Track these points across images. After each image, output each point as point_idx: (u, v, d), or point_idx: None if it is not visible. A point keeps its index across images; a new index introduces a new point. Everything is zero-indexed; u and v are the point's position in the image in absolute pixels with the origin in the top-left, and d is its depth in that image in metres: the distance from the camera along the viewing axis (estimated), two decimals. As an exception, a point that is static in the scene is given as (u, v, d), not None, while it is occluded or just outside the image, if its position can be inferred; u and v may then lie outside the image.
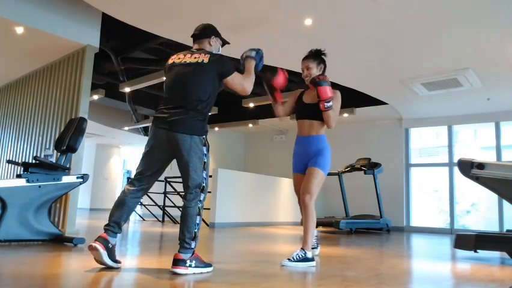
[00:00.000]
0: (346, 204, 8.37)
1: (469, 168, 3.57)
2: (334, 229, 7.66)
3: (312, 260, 3.01)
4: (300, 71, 3.48)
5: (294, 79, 8.00)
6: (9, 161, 3.83)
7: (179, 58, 2.69)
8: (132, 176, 2.72)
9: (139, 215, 9.94)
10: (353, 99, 8.31)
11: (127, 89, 8.15)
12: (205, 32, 2.78)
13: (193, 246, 2.43)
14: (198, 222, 2.47)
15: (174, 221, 8.24)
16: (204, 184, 2.52)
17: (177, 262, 2.38)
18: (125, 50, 7.09)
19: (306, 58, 3.38)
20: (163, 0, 4.57)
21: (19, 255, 2.87)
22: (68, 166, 3.88)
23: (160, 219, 8.88)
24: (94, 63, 5.28)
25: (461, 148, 9.02)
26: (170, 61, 2.74)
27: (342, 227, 7.11)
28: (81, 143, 4.13)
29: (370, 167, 7.91)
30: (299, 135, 3.33)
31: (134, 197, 2.60)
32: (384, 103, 8.25)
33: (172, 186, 8.19)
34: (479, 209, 8.61)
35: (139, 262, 2.85)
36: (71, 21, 5.05)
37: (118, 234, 2.53)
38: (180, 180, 2.72)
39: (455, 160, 8.34)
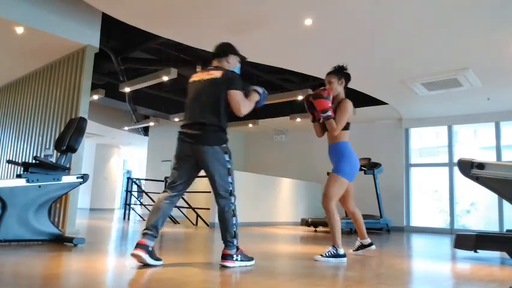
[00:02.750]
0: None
1: (469, 168, 3.57)
2: (334, 229, 7.65)
3: (343, 256, 3.33)
4: (301, 71, 3.62)
5: (294, 79, 8.01)
6: (9, 161, 3.82)
7: (197, 76, 2.96)
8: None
9: (139, 215, 9.94)
10: (353, 99, 8.27)
11: (127, 89, 8.14)
12: (222, 50, 3.01)
13: (235, 243, 2.79)
14: (234, 222, 2.80)
15: (174, 221, 8.24)
16: (230, 188, 2.81)
17: (225, 257, 2.74)
18: (125, 50, 7.09)
19: (328, 73, 3.68)
20: (163, 1, 4.57)
21: (19, 255, 2.87)
22: (68, 166, 3.88)
23: (160, 219, 8.87)
24: (94, 63, 5.28)
25: (461, 148, 9.02)
26: (190, 79, 2.99)
27: (342, 227, 7.08)
28: (81, 143, 4.13)
29: (370, 167, 7.91)
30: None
31: (169, 203, 2.83)
32: (384, 103, 8.25)
33: (172, 186, 8.17)
34: (479, 209, 8.61)
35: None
36: (71, 21, 5.05)
37: (155, 238, 2.73)
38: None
39: (455, 160, 8.34)
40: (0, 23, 4.70)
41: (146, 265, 2.63)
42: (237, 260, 2.75)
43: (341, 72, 3.67)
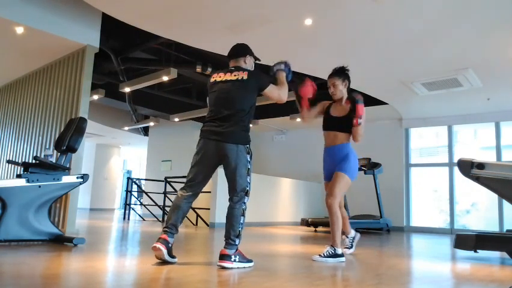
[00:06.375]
0: (346, 204, 8.35)
1: (469, 168, 3.56)
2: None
3: (341, 256, 3.32)
4: (301, 71, 3.63)
5: (294, 79, 8.00)
6: (9, 161, 3.82)
7: (220, 76, 3.00)
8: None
9: (139, 215, 9.93)
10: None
11: (127, 89, 8.15)
12: (242, 51, 3.09)
13: (237, 243, 2.76)
14: (242, 222, 2.80)
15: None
16: (247, 188, 2.86)
17: (223, 257, 2.70)
18: (125, 50, 7.09)
19: (331, 76, 3.65)
20: (163, 1, 4.57)
21: (19, 255, 2.87)
22: (68, 166, 3.88)
23: (160, 219, 8.88)
24: (94, 63, 5.28)
25: (461, 148, 9.01)
26: (212, 79, 3.03)
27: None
28: (81, 143, 4.13)
29: (370, 167, 7.90)
30: (326, 146, 3.59)
31: (187, 201, 2.90)
32: (384, 103, 8.25)
33: (172, 186, 8.19)
34: (479, 209, 8.60)
35: (139, 262, 2.85)
36: (71, 21, 5.05)
37: (175, 235, 2.84)
38: (180, 180, 2.80)
39: (455, 160, 8.33)
40: (0, 23, 4.70)
41: (163, 261, 2.74)
42: (235, 261, 2.72)
43: (343, 73, 3.64)
